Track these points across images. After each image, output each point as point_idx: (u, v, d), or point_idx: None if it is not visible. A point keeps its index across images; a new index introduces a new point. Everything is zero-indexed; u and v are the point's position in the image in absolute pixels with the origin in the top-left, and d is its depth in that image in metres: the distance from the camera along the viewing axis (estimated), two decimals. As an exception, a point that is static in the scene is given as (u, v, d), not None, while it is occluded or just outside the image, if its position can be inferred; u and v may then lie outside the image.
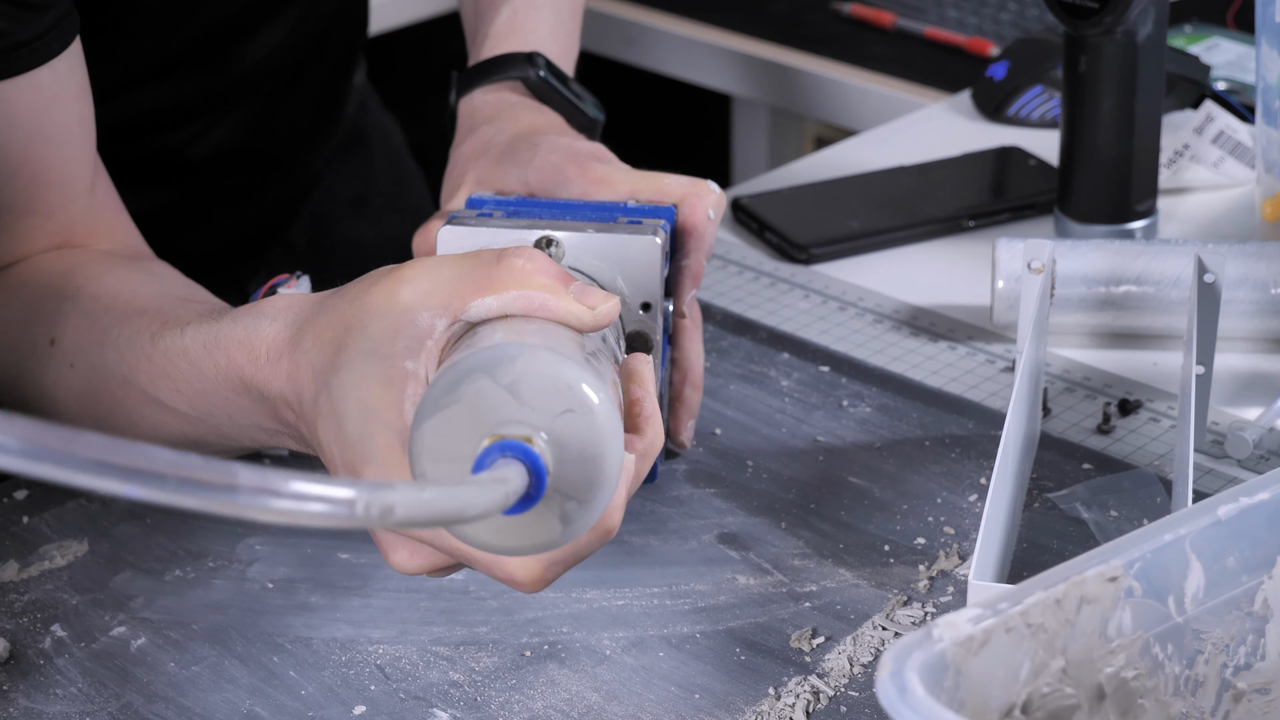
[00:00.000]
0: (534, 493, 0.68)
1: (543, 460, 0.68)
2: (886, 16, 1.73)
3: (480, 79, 1.08)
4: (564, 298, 0.76)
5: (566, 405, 0.70)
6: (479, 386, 0.69)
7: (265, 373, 0.82)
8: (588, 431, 0.70)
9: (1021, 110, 1.42)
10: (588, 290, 0.77)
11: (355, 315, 0.78)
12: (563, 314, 0.75)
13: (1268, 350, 1.13)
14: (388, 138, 1.41)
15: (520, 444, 0.68)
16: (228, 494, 0.56)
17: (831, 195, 1.31)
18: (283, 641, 0.91)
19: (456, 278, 0.76)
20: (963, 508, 0.99)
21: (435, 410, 0.70)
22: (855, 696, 0.87)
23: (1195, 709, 0.74)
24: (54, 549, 0.97)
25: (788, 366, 1.13)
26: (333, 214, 1.34)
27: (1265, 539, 0.74)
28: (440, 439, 0.70)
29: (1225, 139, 1.31)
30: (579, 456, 0.70)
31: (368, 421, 0.75)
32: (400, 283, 0.77)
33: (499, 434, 0.69)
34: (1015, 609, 0.67)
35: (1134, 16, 1.15)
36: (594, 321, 0.76)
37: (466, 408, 0.70)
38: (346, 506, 0.58)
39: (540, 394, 0.70)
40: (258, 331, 0.82)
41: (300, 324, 0.81)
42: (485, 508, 0.65)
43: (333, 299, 0.81)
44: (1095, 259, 1.12)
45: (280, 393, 0.81)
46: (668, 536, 0.98)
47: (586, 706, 0.86)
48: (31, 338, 0.95)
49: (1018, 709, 0.69)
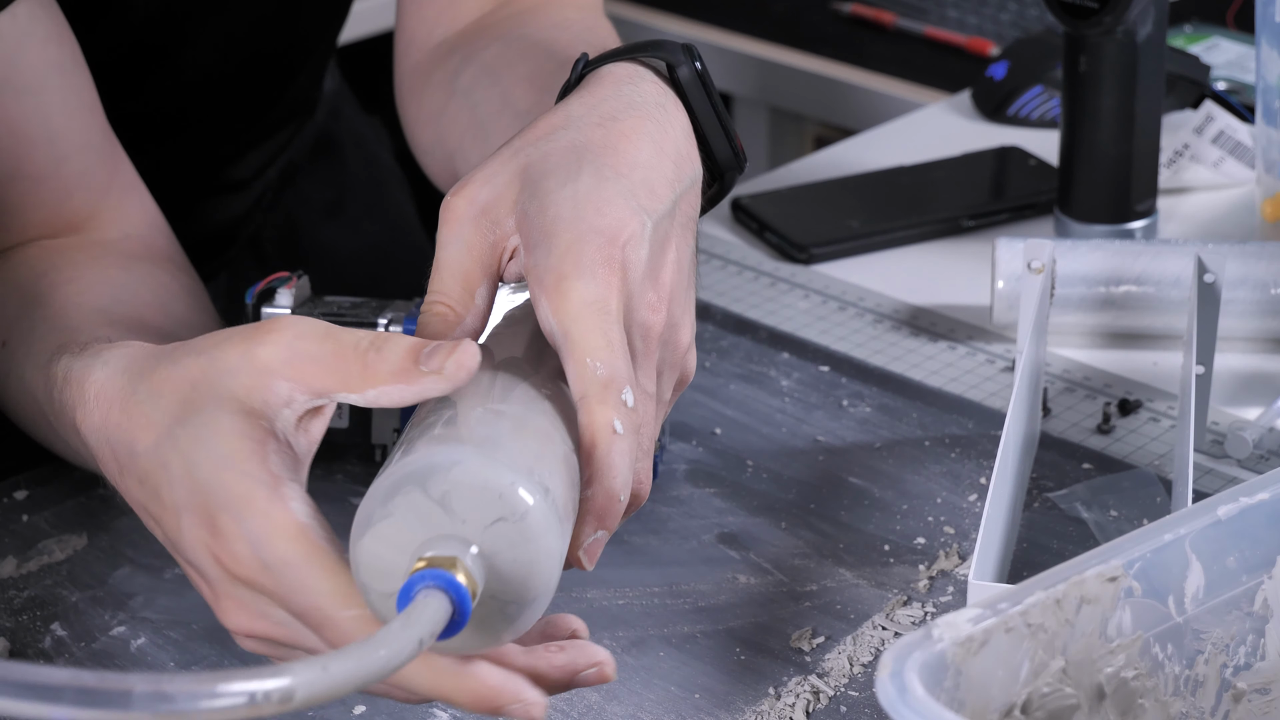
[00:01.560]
0: (459, 620, 0.67)
1: (467, 588, 0.67)
2: (886, 16, 1.73)
3: (621, 53, 0.87)
4: (414, 380, 0.72)
5: (498, 514, 0.69)
6: (411, 500, 0.69)
7: (94, 419, 0.78)
8: (520, 539, 0.69)
9: (1021, 110, 1.42)
10: (434, 353, 0.72)
11: (204, 371, 0.74)
12: (419, 396, 0.72)
13: (1268, 350, 1.13)
14: (364, 143, 1.38)
15: (445, 574, 0.67)
16: (123, 701, 0.56)
17: (831, 195, 1.31)
18: (282, 641, 0.91)
19: (322, 361, 0.73)
20: (963, 508, 0.99)
21: (369, 525, 0.69)
22: (855, 696, 0.87)
23: (1195, 709, 0.74)
24: (53, 543, 0.97)
25: (788, 366, 1.13)
26: (305, 219, 1.32)
27: (1265, 539, 0.74)
28: (376, 555, 0.69)
29: (1225, 139, 1.31)
30: (513, 563, 0.69)
31: (222, 469, 0.72)
32: (258, 345, 0.73)
33: (427, 556, 0.68)
34: (1015, 609, 0.67)
35: (1134, 16, 1.15)
36: (449, 385, 0.72)
37: (399, 521, 0.69)
38: (247, 698, 0.58)
39: (471, 506, 0.69)
40: (89, 373, 0.79)
41: (135, 373, 0.77)
42: (400, 663, 0.64)
43: (175, 352, 0.76)
44: (1095, 259, 1.12)
45: (109, 440, 0.78)
46: (668, 536, 0.98)
47: (586, 706, 0.86)
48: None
49: (1018, 709, 0.69)
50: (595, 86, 0.84)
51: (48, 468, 1.02)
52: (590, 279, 0.75)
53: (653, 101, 0.83)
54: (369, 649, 0.63)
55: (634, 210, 0.78)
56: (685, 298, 0.82)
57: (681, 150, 0.83)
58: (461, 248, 0.78)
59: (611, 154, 0.79)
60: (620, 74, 0.84)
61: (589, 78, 0.85)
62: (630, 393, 0.75)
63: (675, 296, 0.81)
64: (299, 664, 0.60)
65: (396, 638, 0.65)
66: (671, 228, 0.81)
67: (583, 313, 0.75)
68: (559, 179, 0.78)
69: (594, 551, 0.75)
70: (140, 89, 1.10)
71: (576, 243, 0.76)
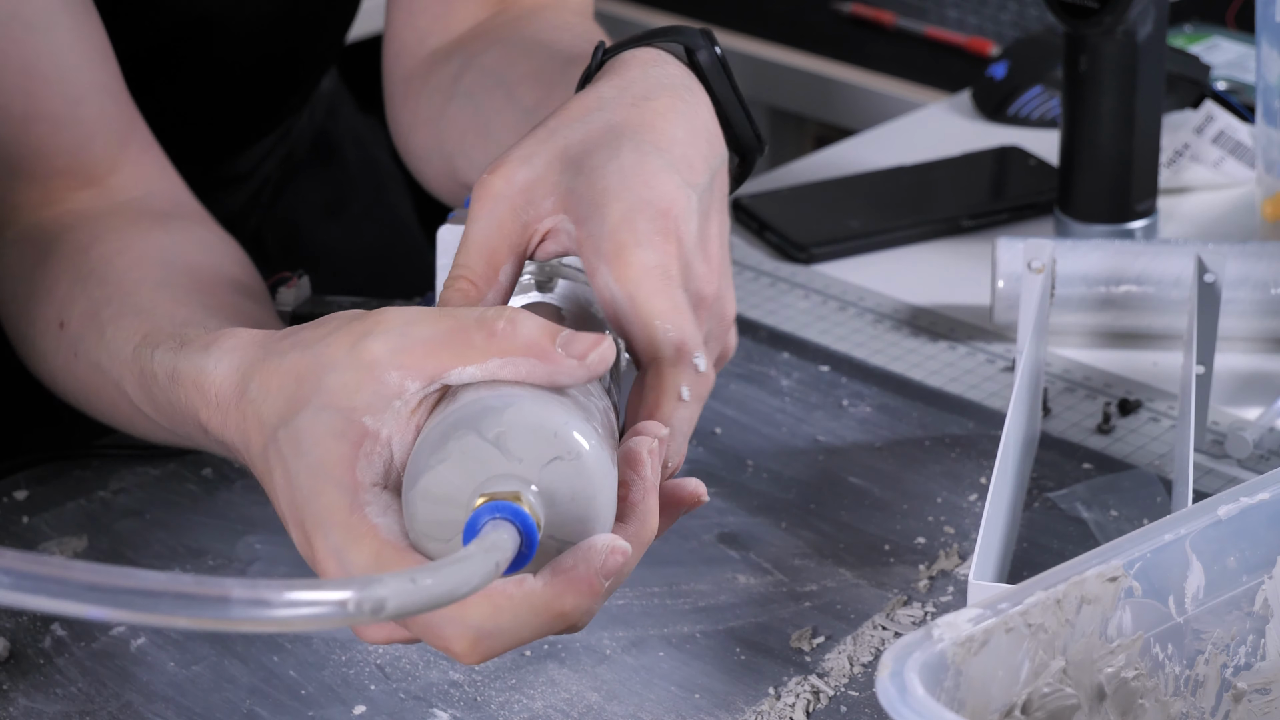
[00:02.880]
0: (526, 552, 0.67)
1: (532, 518, 0.68)
2: (886, 16, 1.73)
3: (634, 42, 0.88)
4: (550, 359, 0.71)
5: (554, 453, 0.69)
6: (465, 443, 0.69)
7: (217, 419, 0.78)
8: (577, 477, 0.69)
9: (1021, 110, 1.42)
10: (575, 339, 0.71)
11: (309, 366, 0.73)
12: (550, 377, 0.71)
13: (1268, 350, 1.13)
14: (363, 143, 1.38)
15: (510, 505, 0.67)
16: (221, 608, 0.56)
17: (831, 195, 1.31)
18: (283, 641, 0.91)
19: (433, 341, 0.71)
20: (963, 508, 0.99)
21: (424, 470, 0.69)
22: (855, 696, 0.87)
23: (1195, 709, 0.74)
24: (53, 545, 0.97)
25: (788, 366, 1.13)
26: (305, 220, 1.32)
27: (1265, 539, 0.74)
28: (432, 500, 0.69)
29: (1225, 139, 1.31)
30: (570, 501, 0.69)
31: (317, 478, 0.71)
32: (366, 336, 0.72)
33: (488, 493, 0.68)
34: (1015, 609, 0.67)
35: (1134, 16, 1.15)
36: (586, 374, 0.71)
37: (455, 465, 0.69)
38: (339, 608, 0.58)
39: (527, 445, 0.69)
40: (205, 373, 0.78)
41: (246, 370, 0.76)
42: (479, 583, 0.64)
43: (283, 343, 0.75)
44: (1095, 259, 1.12)
45: (231, 442, 0.78)
46: (668, 536, 0.98)
47: (586, 706, 0.86)
48: (45, 316, 0.93)
49: (1018, 709, 0.69)
50: (622, 69, 0.84)
51: (48, 468, 1.02)
52: (649, 246, 0.76)
53: (679, 83, 0.84)
54: (453, 566, 0.63)
55: (679, 184, 0.78)
56: (729, 271, 0.83)
57: (710, 129, 0.84)
58: (493, 225, 0.79)
59: (649, 131, 0.80)
60: (644, 58, 0.85)
61: (611, 63, 0.86)
62: (702, 358, 0.76)
63: (723, 269, 0.82)
64: (389, 576, 0.60)
65: (475, 557, 0.64)
66: (711, 202, 0.82)
67: (646, 278, 0.76)
68: (602, 156, 0.78)
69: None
70: (156, 85, 1.11)
71: (630, 213, 0.76)
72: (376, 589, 0.59)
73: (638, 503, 0.73)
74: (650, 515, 0.73)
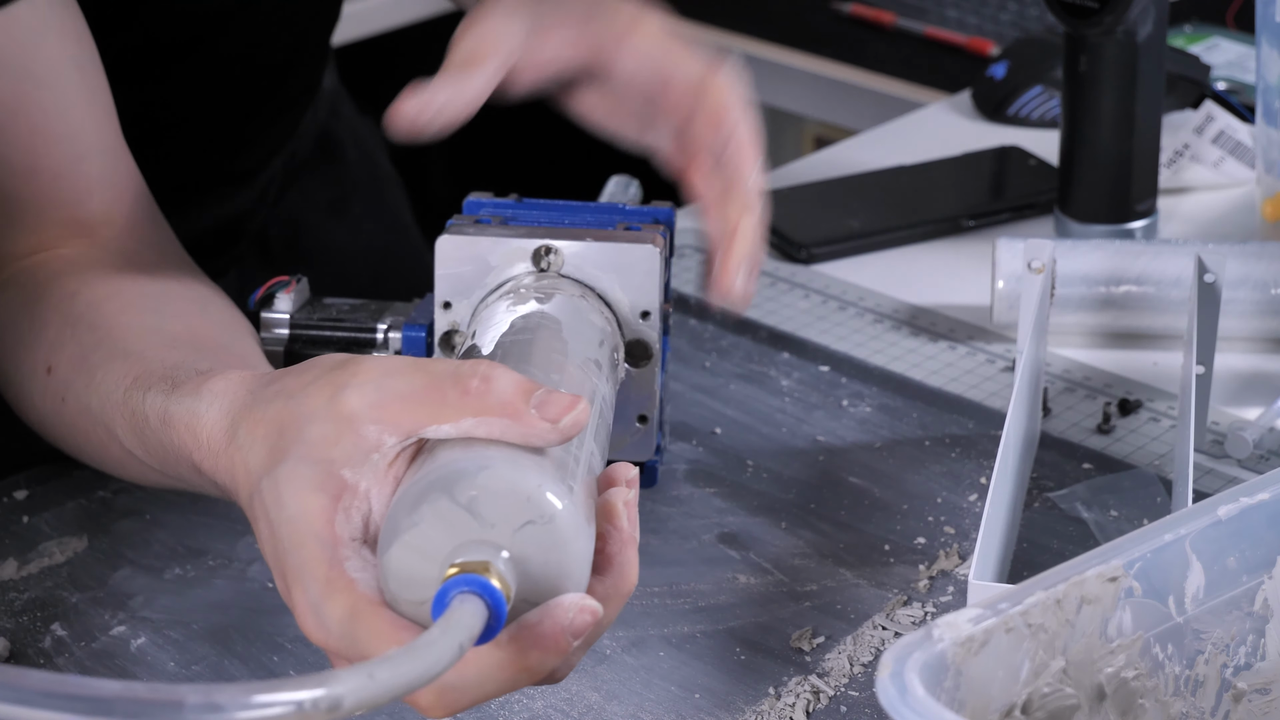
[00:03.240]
0: (494, 625, 0.67)
1: (501, 591, 0.67)
2: (886, 16, 1.73)
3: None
4: (523, 420, 0.70)
5: (527, 517, 0.68)
6: (438, 507, 0.68)
7: (209, 462, 0.78)
8: (550, 540, 0.69)
9: (1021, 110, 1.42)
10: (549, 401, 0.71)
11: (291, 415, 0.73)
12: (524, 438, 0.71)
13: (1268, 350, 1.13)
14: (363, 143, 1.39)
15: (479, 579, 0.67)
16: (175, 713, 0.56)
17: (831, 195, 1.31)
18: (283, 641, 0.91)
19: (409, 397, 0.71)
20: (963, 508, 0.99)
21: (398, 533, 0.69)
22: (855, 696, 0.87)
23: (1195, 709, 0.74)
24: (53, 545, 0.97)
25: (788, 366, 1.13)
26: (308, 219, 1.32)
27: (1265, 539, 0.74)
28: (406, 563, 0.69)
29: (1225, 139, 1.31)
30: (543, 564, 0.69)
31: (297, 531, 0.71)
32: (344, 389, 0.72)
33: (459, 562, 0.68)
34: (1015, 609, 0.67)
35: (1134, 16, 1.15)
36: (559, 437, 0.71)
37: (428, 529, 0.68)
38: (295, 707, 0.58)
39: (499, 510, 0.68)
40: (197, 416, 0.79)
41: (236, 415, 0.77)
42: (442, 669, 0.64)
43: (269, 390, 0.76)
44: (1095, 259, 1.12)
45: (224, 484, 0.78)
46: (668, 536, 0.98)
47: (586, 706, 0.86)
48: (32, 360, 0.93)
49: (1018, 709, 0.69)
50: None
51: (48, 468, 1.02)
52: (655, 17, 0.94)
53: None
54: (412, 655, 0.63)
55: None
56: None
57: None
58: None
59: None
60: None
61: None
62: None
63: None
64: (345, 672, 0.60)
65: (438, 643, 0.64)
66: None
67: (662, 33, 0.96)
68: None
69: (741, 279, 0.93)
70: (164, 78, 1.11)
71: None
72: (334, 687, 0.59)
73: (615, 555, 0.73)
74: (629, 566, 0.73)
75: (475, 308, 0.90)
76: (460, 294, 0.91)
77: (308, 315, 0.98)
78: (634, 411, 0.93)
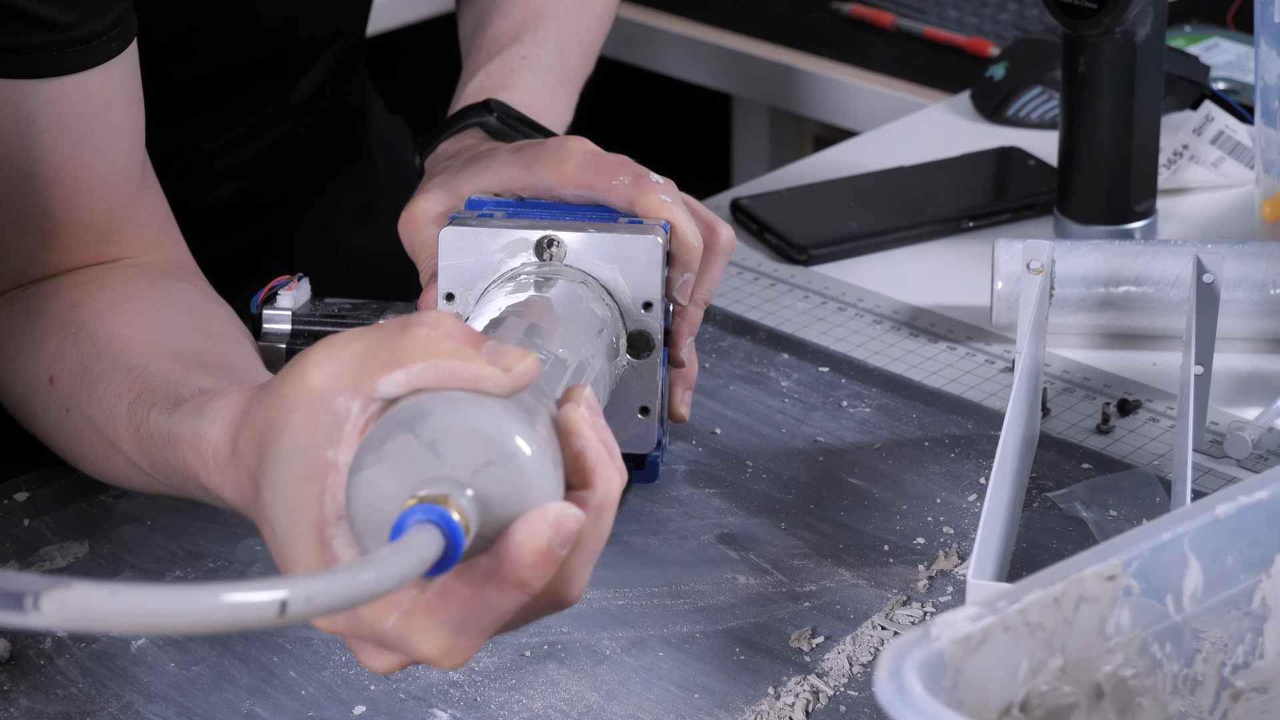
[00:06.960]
0: (452, 554, 0.67)
1: (460, 522, 0.67)
2: (886, 16, 1.73)
3: (441, 134, 1.08)
4: (474, 362, 0.70)
5: (488, 457, 0.68)
6: (401, 444, 0.68)
7: (216, 479, 0.79)
8: (513, 480, 0.69)
9: (1021, 111, 1.42)
10: (500, 351, 0.71)
11: (276, 409, 0.74)
12: (474, 380, 0.70)
13: (1267, 350, 1.13)
14: (391, 145, 1.39)
15: (437, 508, 0.67)
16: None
17: (831, 196, 1.31)
18: (283, 641, 0.91)
19: (362, 355, 0.72)
20: (962, 508, 0.99)
21: (360, 470, 0.69)
22: (855, 696, 0.87)
23: (1194, 708, 0.75)
24: (54, 550, 0.97)
25: (787, 367, 1.13)
26: (334, 224, 1.32)
27: (1264, 538, 0.74)
28: (368, 500, 0.69)
29: (1225, 139, 1.31)
30: (505, 504, 0.69)
31: (293, 523, 0.72)
32: (309, 367, 0.73)
33: (419, 495, 0.68)
34: (1014, 607, 0.67)
35: (1133, 17, 1.15)
36: (510, 384, 0.71)
37: (390, 467, 0.69)
38: (255, 609, 0.59)
39: (461, 448, 0.68)
40: (201, 435, 0.79)
41: (235, 428, 0.77)
42: (395, 582, 0.64)
43: (260, 394, 0.77)
44: (1094, 259, 1.12)
45: (231, 500, 0.79)
46: (668, 536, 0.98)
47: (586, 706, 0.86)
48: (35, 372, 0.93)
49: (1016, 707, 0.69)
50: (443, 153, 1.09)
51: (48, 470, 1.02)
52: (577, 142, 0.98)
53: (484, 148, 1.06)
54: (356, 571, 0.63)
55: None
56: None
57: None
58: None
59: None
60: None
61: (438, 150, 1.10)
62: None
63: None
64: (297, 577, 0.61)
65: (386, 560, 0.64)
66: None
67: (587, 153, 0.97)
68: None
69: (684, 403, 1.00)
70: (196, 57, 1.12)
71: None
72: (279, 590, 0.60)
73: (596, 464, 0.72)
74: (611, 470, 0.73)
75: (477, 299, 0.90)
76: (463, 285, 0.91)
77: (309, 313, 0.98)
78: (636, 403, 0.93)
